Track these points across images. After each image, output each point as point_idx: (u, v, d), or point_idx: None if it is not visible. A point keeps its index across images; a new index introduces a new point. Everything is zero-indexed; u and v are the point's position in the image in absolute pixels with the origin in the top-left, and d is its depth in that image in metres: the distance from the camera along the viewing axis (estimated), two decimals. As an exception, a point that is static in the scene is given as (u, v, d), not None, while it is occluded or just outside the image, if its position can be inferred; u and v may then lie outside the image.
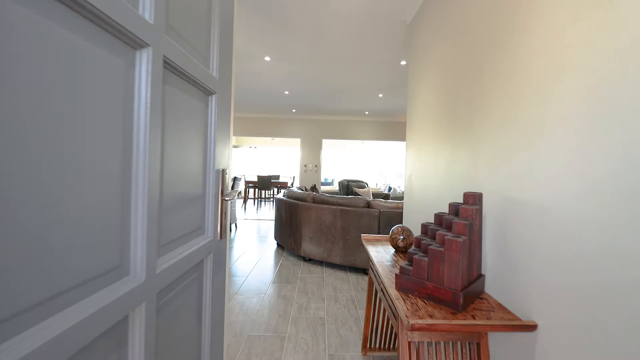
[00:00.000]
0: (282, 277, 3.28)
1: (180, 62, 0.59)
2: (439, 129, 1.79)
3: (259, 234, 5.44)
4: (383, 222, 3.36)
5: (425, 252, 1.13)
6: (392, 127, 7.74)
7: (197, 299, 0.73)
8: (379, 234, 3.38)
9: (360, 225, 3.42)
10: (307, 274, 3.39)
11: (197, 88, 0.70)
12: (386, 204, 3.43)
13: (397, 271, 1.34)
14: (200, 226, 0.74)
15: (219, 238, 0.79)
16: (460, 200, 1.47)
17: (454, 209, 1.18)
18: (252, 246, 4.57)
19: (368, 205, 3.50)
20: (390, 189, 9.28)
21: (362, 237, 1.89)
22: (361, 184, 8.35)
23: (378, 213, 3.37)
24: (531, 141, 0.96)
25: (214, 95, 0.77)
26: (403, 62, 3.66)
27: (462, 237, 1.02)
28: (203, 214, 0.75)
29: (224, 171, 0.80)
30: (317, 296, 2.82)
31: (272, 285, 3.07)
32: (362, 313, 2.52)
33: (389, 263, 1.45)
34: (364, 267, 3.43)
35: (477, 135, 1.29)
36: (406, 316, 0.95)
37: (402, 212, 3.31)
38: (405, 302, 1.04)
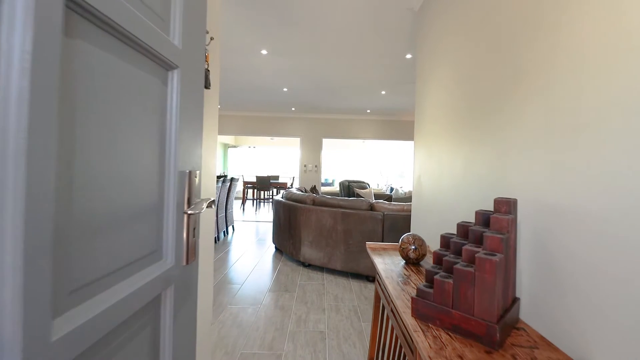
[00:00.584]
0: (280, 285, 3.08)
1: (104, 8, 0.38)
2: (453, 126, 1.58)
3: (258, 237, 5.24)
4: (387, 226, 3.16)
5: (449, 271, 0.93)
6: (395, 126, 7.53)
7: (149, 353, 0.53)
8: (382, 238, 3.18)
9: (362, 229, 3.22)
10: (306, 281, 3.19)
11: (145, 56, 0.50)
12: (390, 207, 3.23)
13: (411, 290, 1.14)
14: (154, 250, 0.54)
15: (184, 263, 0.59)
16: (484, 206, 1.27)
17: (483, 218, 0.97)
18: (250, 250, 4.37)
19: (371, 207, 3.30)
20: (392, 189, 9.08)
21: (367, 246, 1.69)
22: (363, 185, 8.15)
23: (382, 216, 3.17)
24: (586, 135, 0.76)
25: (175, 71, 0.57)
26: (408, 56, 3.45)
27: (498, 254, 0.82)
28: (159, 233, 0.54)
29: (191, 174, 0.59)
30: (317, 306, 2.62)
31: (269, 293, 2.87)
32: (365, 326, 2.31)
33: (400, 279, 1.25)
34: (367, 274, 3.23)
35: (508, 131, 1.09)
36: (430, 357, 0.74)
37: (407, 215, 3.11)
38: (425, 336, 0.84)
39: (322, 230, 3.43)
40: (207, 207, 0.58)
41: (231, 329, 2.21)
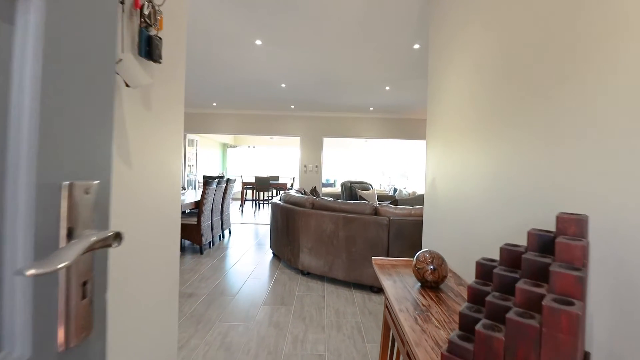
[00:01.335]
0: (276, 297, 2.81)
1: None
2: (478, 122, 1.31)
3: (256, 240, 4.98)
4: (393, 233, 2.88)
5: (496, 319, 0.66)
6: (400, 125, 7.24)
7: None
8: (388, 246, 2.90)
9: (366, 235, 2.94)
10: (305, 292, 2.92)
11: None
12: (396, 211, 2.95)
13: (434, 330, 0.87)
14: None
15: (60, 348, 0.33)
16: (529, 221, 1.00)
17: (540, 240, 0.70)
18: (246, 255, 4.10)
19: (375, 212, 3.02)
20: (395, 190, 8.80)
21: (373, 262, 1.42)
22: (365, 186, 7.87)
23: (387, 221, 2.89)
24: None
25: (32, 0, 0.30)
26: (416, 46, 3.17)
27: (577, 303, 0.55)
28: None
29: (73, 187, 0.33)
30: (317, 323, 2.35)
31: (264, 307, 2.60)
32: (370, 348, 2.05)
33: (417, 312, 0.98)
34: (370, 284, 2.96)
35: (573, 124, 0.82)
36: None
37: (415, 221, 2.83)
38: (466, 420, 0.57)
39: (323, 236, 3.16)
40: (90, 249, 0.31)
41: (218, 353, 1.95)
